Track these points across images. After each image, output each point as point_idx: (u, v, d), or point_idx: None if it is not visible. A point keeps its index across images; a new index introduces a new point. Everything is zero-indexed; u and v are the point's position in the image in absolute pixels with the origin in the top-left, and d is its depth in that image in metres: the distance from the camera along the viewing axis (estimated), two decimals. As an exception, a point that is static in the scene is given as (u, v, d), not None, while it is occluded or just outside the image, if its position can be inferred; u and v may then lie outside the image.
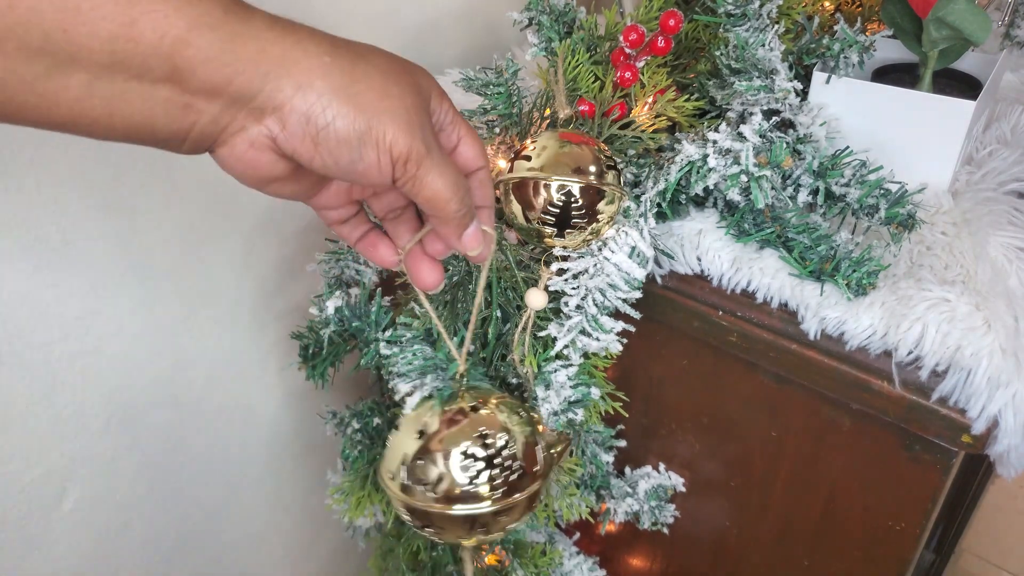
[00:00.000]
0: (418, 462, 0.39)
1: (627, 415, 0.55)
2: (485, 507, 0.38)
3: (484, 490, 0.38)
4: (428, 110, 0.32)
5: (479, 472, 0.38)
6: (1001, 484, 1.39)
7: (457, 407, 0.40)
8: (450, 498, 0.38)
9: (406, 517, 0.40)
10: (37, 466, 0.55)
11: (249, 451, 0.73)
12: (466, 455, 0.38)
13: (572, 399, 0.43)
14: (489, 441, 0.39)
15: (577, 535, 0.61)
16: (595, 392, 0.45)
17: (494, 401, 0.41)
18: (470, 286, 0.48)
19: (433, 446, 0.39)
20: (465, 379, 0.42)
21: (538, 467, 0.40)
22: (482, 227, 0.35)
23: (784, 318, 0.43)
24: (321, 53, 0.30)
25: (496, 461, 0.38)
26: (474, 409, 0.40)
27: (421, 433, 0.39)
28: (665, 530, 0.56)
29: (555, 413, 0.44)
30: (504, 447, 0.39)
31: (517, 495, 0.39)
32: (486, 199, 0.37)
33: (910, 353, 0.39)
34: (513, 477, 0.39)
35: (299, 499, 0.80)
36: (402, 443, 0.40)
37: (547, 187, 0.42)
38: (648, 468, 0.56)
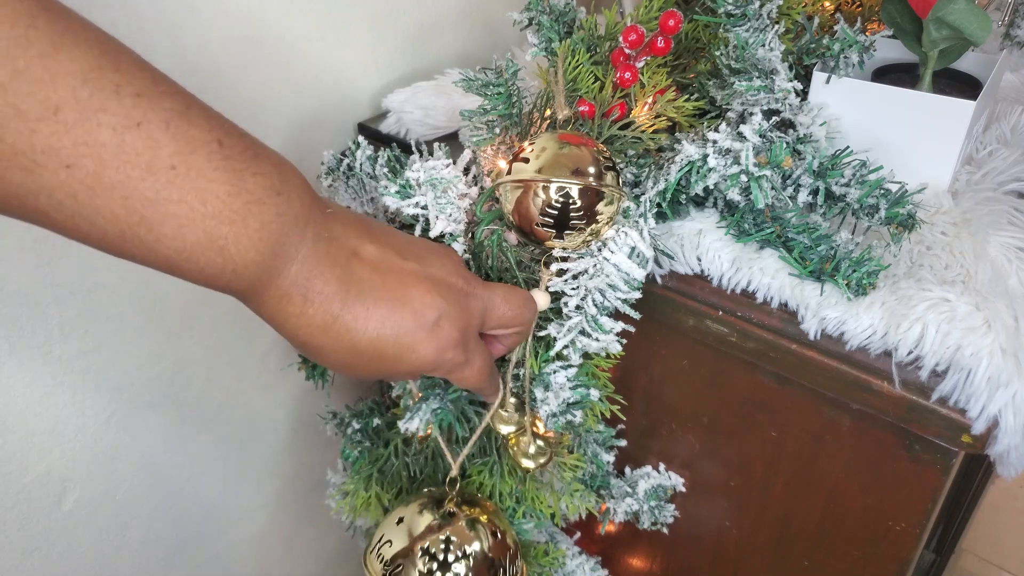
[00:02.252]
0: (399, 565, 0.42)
1: (626, 417, 0.55)
2: None
3: None
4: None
5: None
6: (1001, 484, 1.39)
7: (441, 516, 0.44)
8: None
9: None
10: (37, 466, 0.55)
11: (249, 451, 0.73)
12: (436, 561, 0.42)
13: (571, 401, 0.43)
14: (461, 553, 0.42)
15: (578, 535, 0.61)
16: (594, 394, 0.45)
17: (476, 514, 0.45)
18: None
19: (414, 549, 0.42)
20: (456, 485, 0.46)
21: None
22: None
23: (784, 318, 0.43)
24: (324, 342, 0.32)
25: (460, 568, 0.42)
26: (454, 516, 0.44)
27: (407, 533, 0.43)
28: (665, 530, 0.56)
29: (553, 415, 0.44)
30: (470, 562, 0.42)
31: None
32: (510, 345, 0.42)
33: (910, 353, 0.39)
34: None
35: (299, 499, 0.80)
36: (390, 535, 0.43)
37: (546, 189, 0.42)
38: (648, 468, 0.56)
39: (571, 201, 0.41)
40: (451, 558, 0.41)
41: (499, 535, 0.44)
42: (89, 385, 0.57)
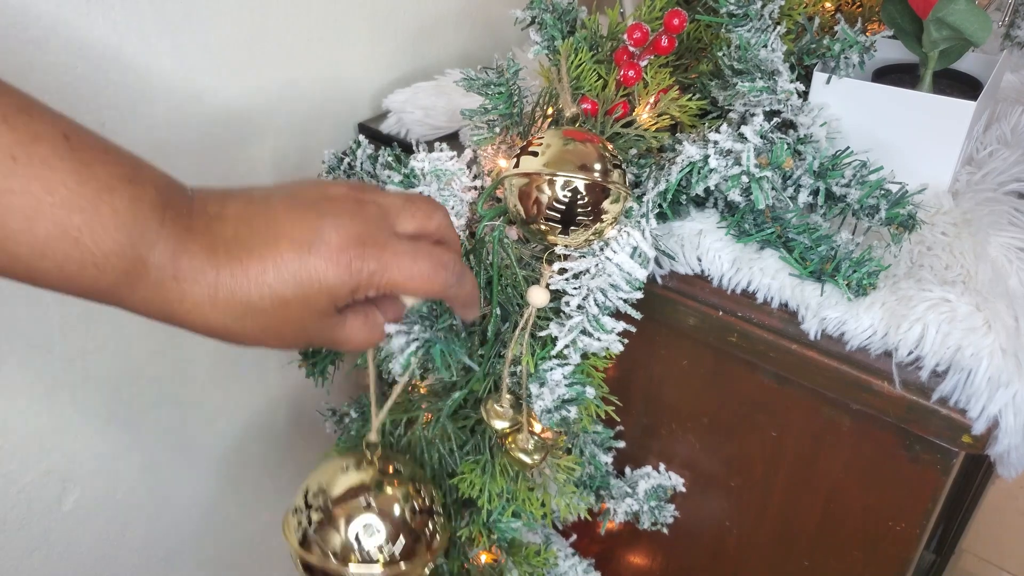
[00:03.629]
0: (319, 526, 0.41)
1: (621, 418, 0.55)
2: (376, 570, 0.40)
3: (376, 555, 0.40)
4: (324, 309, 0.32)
5: (372, 541, 0.40)
6: (1001, 485, 1.40)
7: (361, 477, 0.42)
8: (344, 559, 0.40)
9: (299, 569, 0.42)
10: (38, 465, 0.55)
11: (249, 451, 0.73)
12: (363, 525, 0.40)
13: (566, 397, 0.43)
14: (384, 512, 0.41)
15: (574, 536, 0.61)
16: (590, 391, 0.45)
17: (396, 473, 0.43)
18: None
19: (335, 512, 0.41)
20: (377, 448, 0.44)
21: (432, 544, 0.43)
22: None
23: (784, 318, 0.43)
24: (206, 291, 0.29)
25: (399, 531, 0.41)
26: (379, 481, 0.42)
27: (327, 494, 0.42)
28: (665, 530, 0.56)
29: (548, 411, 0.44)
30: (398, 519, 0.41)
31: (405, 565, 0.41)
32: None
33: (910, 353, 0.39)
34: (401, 549, 0.41)
35: (299, 499, 0.80)
36: (310, 499, 0.42)
37: (552, 184, 0.42)
38: (648, 468, 0.56)
39: (578, 196, 0.41)
40: (370, 520, 0.40)
41: (420, 495, 0.43)
42: (90, 385, 0.57)
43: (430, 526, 0.43)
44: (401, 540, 0.41)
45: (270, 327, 0.30)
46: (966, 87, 0.52)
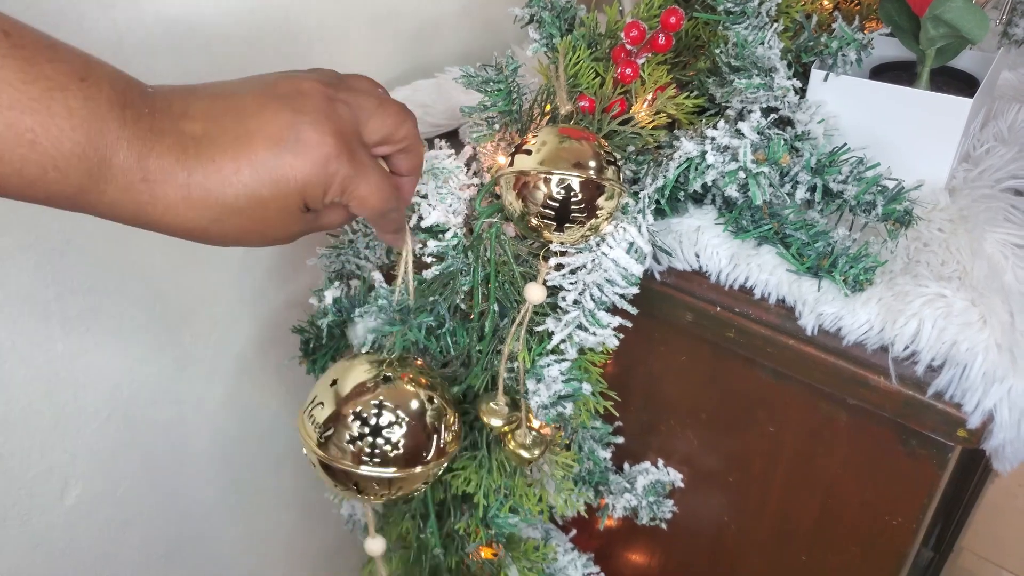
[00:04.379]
0: (333, 423, 0.40)
1: (620, 414, 0.56)
2: (389, 472, 0.40)
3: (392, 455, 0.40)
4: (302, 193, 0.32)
5: (394, 441, 0.40)
6: (1000, 483, 1.40)
7: (378, 373, 0.42)
8: (358, 459, 0.40)
9: (321, 473, 0.42)
10: (40, 462, 0.55)
11: (249, 448, 0.73)
12: (371, 424, 0.40)
13: (562, 393, 0.44)
14: (398, 413, 0.41)
15: (574, 532, 0.61)
16: (586, 388, 0.45)
17: (415, 375, 0.43)
18: (466, 278, 0.49)
19: (345, 410, 0.40)
20: (395, 349, 0.44)
21: (443, 444, 0.42)
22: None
23: (781, 314, 0.44)
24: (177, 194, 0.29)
25: (412, 432, 0.40)
26: (388, 379, 0.42)
27: (339, 393, 0.41)
28: (663, 525, 0.57)
29: (544, 407, 0.44)
30: (406, 420, 0.41)
31: (419, 467, 0.41)
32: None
33: (906, 348, 0.40)
34: (407, 450, 0.41)
35: (299, 496, 0.81)
36: (322, 397, 0.42)
37: (547, 181, 0.42)
38: (647, 464, 0.56)
39: (572, 194, 0.41)
40: (383, 421, 0.40)
41: (433, 397, 0.43)
42: (90, 382, 0.57)
43: (443, 426, 0.42)
44: (414, 440, 0.40)
45: (250, 227, 0.30)
46: (963, 84, 0.52)
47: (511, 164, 0.43)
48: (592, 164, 0.42)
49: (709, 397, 0.51)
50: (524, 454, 0.47)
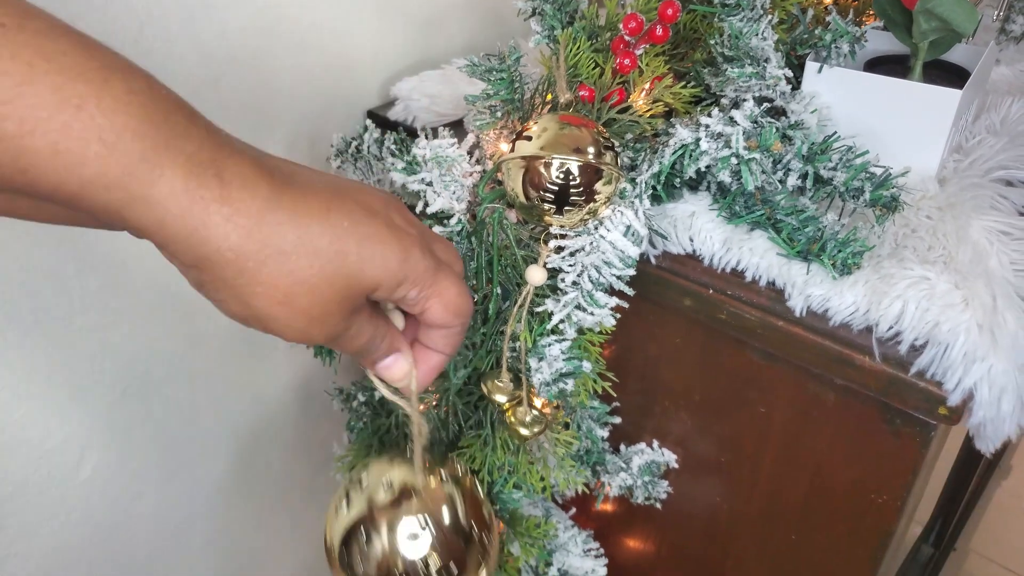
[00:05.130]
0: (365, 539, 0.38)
1: (619, 394, 0.57)
2: None
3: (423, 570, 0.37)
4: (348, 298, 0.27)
5: (426, 553, 0.37)
6: (1006, 485, 1.41)
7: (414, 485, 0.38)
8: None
9: None
10: (57, 433, 0.58)
11: (259, 427, 0.75)
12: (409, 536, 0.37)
13: (563, 371, 0.45)
14: (445, 522, 0.37)
15: (573, 510, 0.62)
16: (586, 366, 0.47)
17: (447, 485, 0.39)
18: (471, 263, 0.50)
19: (379, 523, 0.37)
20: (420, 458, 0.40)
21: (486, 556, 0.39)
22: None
23: (772, 296, 0.45)
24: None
25: (447, 543, 0.37)
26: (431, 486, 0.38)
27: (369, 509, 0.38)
28: (658, 505, 0.58)
29: (547, 384, 0.46)
30: (447, 530, 0.38)
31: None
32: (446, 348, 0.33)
33: (890, 328, 0.41)
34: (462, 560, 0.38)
35: (307, 475, 0.83)
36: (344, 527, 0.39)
37: (547, 166, 0.44)
38: (642, 445, 0.58)
39: (571, 178, 0.43)
40: (417, 530, 0.37)
41: (473, 508, 0.40)
42: (107, 357, 0.59)
43: (483, 536, 0.39)
44: (451, 553, 0.37)
45: (311, 281, 0.25)
46: (956, 78, 0.53)
47: (512, 150, 0.45)
48: (591, 149, 0.44)
49: (702, 378, 0.53)
50: (523, 431, 0.49)
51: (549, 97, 0.51)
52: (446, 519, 0.38)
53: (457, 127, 0.65)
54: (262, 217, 0.24)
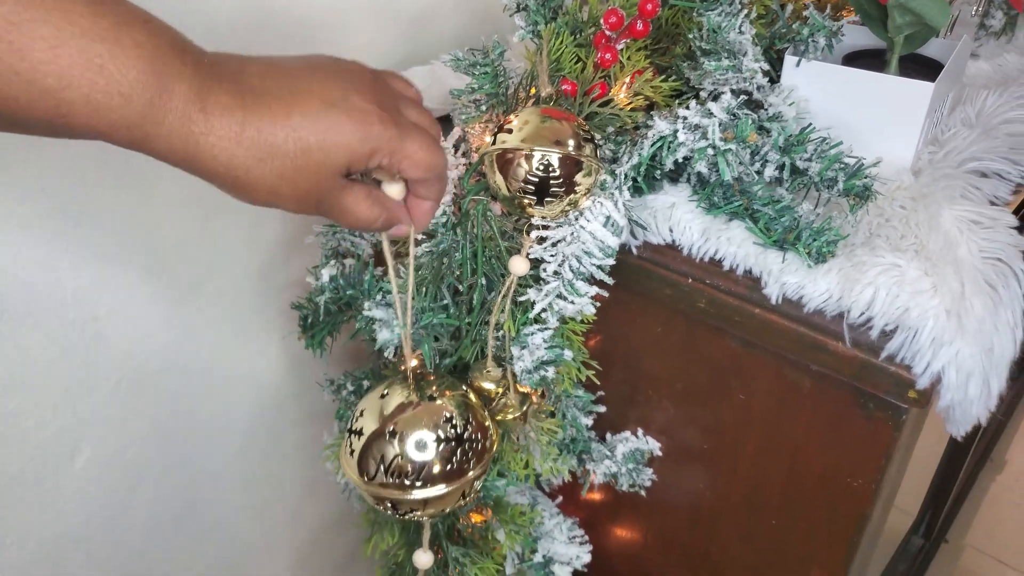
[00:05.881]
0: (377, 453, 0.43)
1: (603, 384, 0.58)
2: (440, 490, 0.43)
3: (438, 471, 0.43)
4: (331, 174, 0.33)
5: (434, 456, 0.43)
6: (998, 479, 1.42)
7: (408, 399, 0.44)
8: (406, 484, 0.43)
9: (370, 501, 0.45)
10: (52, 424, 0.59)
11: (253, 420, 0.76)
12: (419, 443, 0.43)
13: (545, 359, 0.46)
14: (442, 428, 0.43)
15: (560, 499, 0.64)
16: (567, 354, 0.48)
17: (444, 390, 0.46)
18: (456, 254, 0.52)
19: (390, 435, 0.43)
20: (411, 374, 0.46)
21: (486, 446, 0.45)
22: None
23: (749, 284, 0.46)
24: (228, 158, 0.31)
25: (450, 443, 0.43)
26: (430, 398, 0.45)
27: (379, 425, 0.44)
28: (643, 492, 0.59)
29: (528, 371, 0.47)
30: (457, 430, 0.44)
31: (470, 473, 0.44)
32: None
33: (862, 315, 0.42)
34: (467, 456, 0.44)
35: (301, 467, 0.84)
36: (365, 441, 0.44)
37: (528, 158, 0.45)
38: (627, 433, 0.59)
39: (551, 170, 0.44)
40: (422, 437, 0.43)
41: (463, 403, 0.45)
42: (101, 349, 0.60)
43: (480, 430, 0.45)
44: (457, 452, 0.43)
45: (286, 175, 0.31)
46: (931, 71, 0.54)
47: (494, 143, 0.46)
48: (571, 142, 0.45)
49: (684, 367, 0.54)
50: (514, 413, 0.50)
51: (533, 91, 0.52)
52: (446, 426, 0.43)
53: (445, 121, 0.66)
54: (239, 137, 0.30)
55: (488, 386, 0.51)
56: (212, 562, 0.77)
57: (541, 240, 0.49)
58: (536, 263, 0.49)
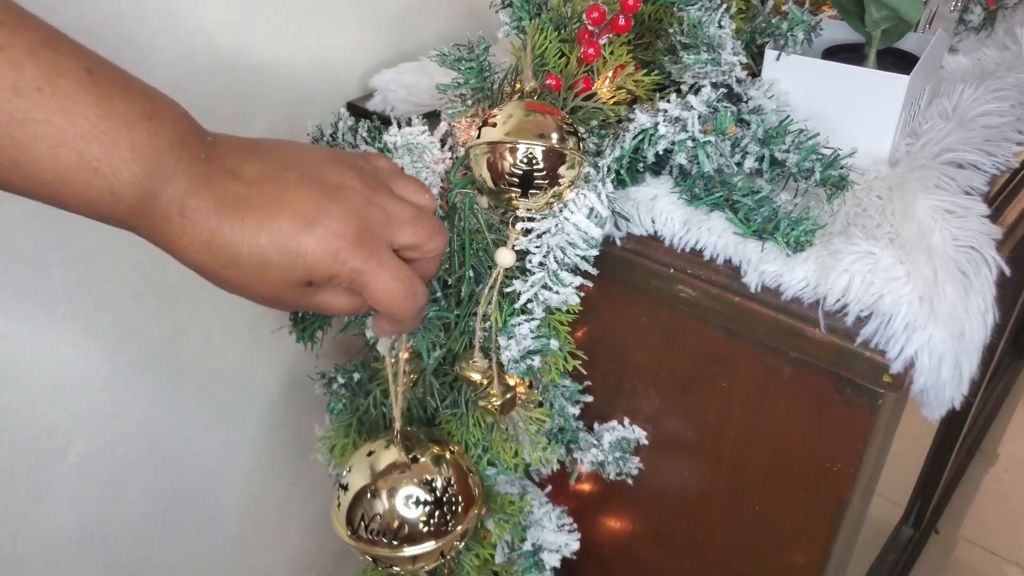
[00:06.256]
0: (370, 514, 0.46)
1: (590, 374, 0.59)
2: (429, 546, 0.46)
3: (427, 530, 0.46)
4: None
5: (423, 515, 0.46)
6: (986, 470, 1.44)
7: (395, 460, 0.47)
8: (399, 541, 0.46)
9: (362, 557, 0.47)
10: (43, 418, 0.59)
11: (243, 415, 0.77)
12: (410, 501, 0.46)
13: (531, 348, 0.47)
14: (430, 485, 0.46)
15: (549, 488, 0.64)
16: (554, 344, 0.49)
17: (432, 448, 0.49)
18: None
19: (381, 496, 0.46)
20: (398, 435, 0.49)
21: (472, 496, 0.48)
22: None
23: (729, 273, 0.47)
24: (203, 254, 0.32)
25: (439, 501, 0.46)
26: (414, 459, 0.47)
27: (368, 488, 0.46)
28: (630, 481, 0.60)
29: (515, 361, 0.47)
30: (442, 488, 0.47)
31: (458, 527, 0.47)
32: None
33: (838, 301, 0.43)
34: (453, 511, 0.47)
35: (293, 461, 0.84)
36: (352, 496, 0.47)
37: (513, 151, 0.46)
38: (614, 422, 0.60)
39: (535, 162, 0.45)
40: (412, 493, 0.45)
41: (463, 476, 0.48)
42: (91, 344, 0.61)
43: (467, 484, 0.47)
44: (445, 507, 0.46)
45: (251, 283, 0.33)
46: (909, 65, 0.55)
47: (479, 136, 0.47)
48: (554, 135, 0.45)
49: (668, 356, 0.55)
50: (495, 401, 0.51)
51: (518, 86, 0.53)
52: (434, 482, 0.47)
53: (433, 117, 0.67)
54: (209, 244, 0.32)
55: (475, 376, 0.52)
56: (204, 556, 0.78)
57: (526, 232, 0.49)
58: (522, 255, 0.50)
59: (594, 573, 0.72)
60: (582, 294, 0.48)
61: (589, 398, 0.60)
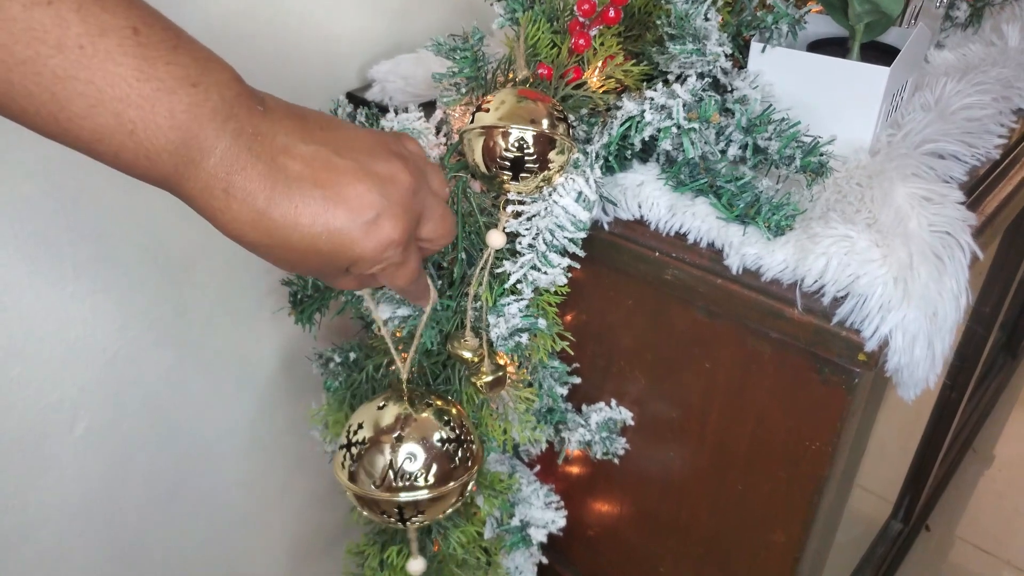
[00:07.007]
0: (368, 458, 0.47)
1: (578, 356, 0.61)
2: (423, 495, 0.47)
3: (422, 481, 0.47)
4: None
5: (421, 467, 0.47)
6: (980, 470, 1.45)
7: (404, 412, 0.49)
8: (393, 488, 0.47)
9: (355, 503, 0.49)
10: (52, 392, 0.61)
11: (244, 394, 0.79)
12: (411, 454, 0.47)
13: (519, 327, 0.49)
14: (433, 439, 0.48)
15: (538, 467, 0.66)
16: (542, 323, 0.50)
17: (436, 402, 0.50)
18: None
19: (378, 445, 0.47)
20: (405, 386, 0.51)
21: (472, 459, 0.49)
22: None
23: (712, 256, 0.49)
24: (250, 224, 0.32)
25: (437, 455, 0.47)
26: (417, 410, 0.49)
27: (373, 433, 0.48)
28: (616, 461, 0.62)
29: (504, 338, 0.49)
30: (444, 442, 0.48)
31: (452, 483, 0.48)
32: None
33: (815, 282, 0.45)
34: (450, 467, 0.48)
35: (292, 441, 0.86)
36: (347, 437, 0.48)
37: (505, 136, 0.47)
38: (601, 404, 0.61)
39: (526, 147, 0.47)
40: (411, 448, 0.47)
41: (451, 418, 0.50)
42: (99, 322, 0.63)
43: (465, 446, 0.48)
44: (440, 462, 0.47)
45: (291, 260, 0.33)
46: (891, 58, 0.57)
47: (472, 122, 0.49)
48: (545, 121, 0.47)
49: (653, 338, 0.56)
50: (485, 379, 0.53)
51: (511, 76, 0.55)
52: (433, 438, 0.48)
53: (430, 107, 0.69)
54: (255, 223, 0.31)
55: (466, 355, 0.54)
56: (205, 534, 0.80)
57: (517, 215, 0.51)
58: (512, 237, 0.52)
59: (582, 553, 0.74)
60: (570, 275, 0.50)
61: (577, 379, 0.61)
